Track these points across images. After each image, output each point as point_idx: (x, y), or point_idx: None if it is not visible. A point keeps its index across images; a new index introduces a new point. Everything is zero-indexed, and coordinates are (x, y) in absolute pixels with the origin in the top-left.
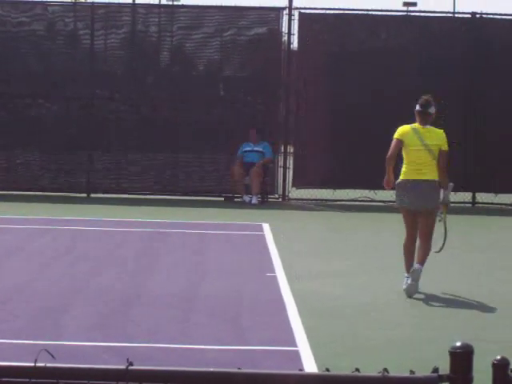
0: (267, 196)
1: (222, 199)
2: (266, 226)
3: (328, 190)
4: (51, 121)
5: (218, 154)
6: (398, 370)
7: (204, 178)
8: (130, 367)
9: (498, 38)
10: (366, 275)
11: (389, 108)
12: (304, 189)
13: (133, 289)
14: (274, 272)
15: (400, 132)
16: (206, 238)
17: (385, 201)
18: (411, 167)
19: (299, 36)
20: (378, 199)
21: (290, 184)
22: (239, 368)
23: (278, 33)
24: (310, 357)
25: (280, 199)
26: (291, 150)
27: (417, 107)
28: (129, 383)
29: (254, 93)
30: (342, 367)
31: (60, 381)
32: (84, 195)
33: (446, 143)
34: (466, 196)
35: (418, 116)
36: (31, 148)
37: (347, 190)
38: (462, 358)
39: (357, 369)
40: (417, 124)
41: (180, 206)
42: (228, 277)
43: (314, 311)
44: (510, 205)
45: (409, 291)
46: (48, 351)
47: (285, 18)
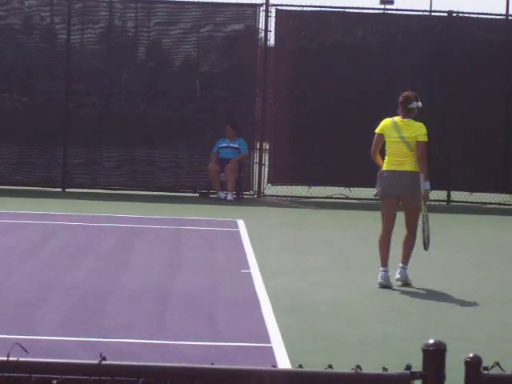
0: (242, 192)
1: (198, 195)
2: (241, 223)
3: (303, 187)
4: (26, 115)
5: (194, 150)
6: (372, 368)
7: (179, 174)
8: (103, 362)
9: (474, 37)
10: (341, 272)
11: (364, 105)
12: (279, 185)
13: (108, 284)
14: (249, 268)
15: (381, 126)
16: (181, 234)
17: (360, 198)
18: (392, 158)
19: (276, 33)
20: (353, 197)
21: (266, 181)
22: (212, 363)
23: (255, 29)
24: (284, 353)
25: (255, 196)
26: (267, 147)
27: (399, 99)
28: (102, 378)
29: (230, 89)
30: (316, 364)
31: (33, 375)
32: (59, 190)
33: (425, 135)
34: (441, 194)
35: (399, 109)
36: (6, 142)
37: (322, 187)
38: (435, 356)
39: (330, 365)
40: (398, 117)
41: (155, 202)
42: (203, 273)
43: (288, 308)
44: (485, 203)
45: (382, 282)
46: (21, 345)
47: (262, 15)
